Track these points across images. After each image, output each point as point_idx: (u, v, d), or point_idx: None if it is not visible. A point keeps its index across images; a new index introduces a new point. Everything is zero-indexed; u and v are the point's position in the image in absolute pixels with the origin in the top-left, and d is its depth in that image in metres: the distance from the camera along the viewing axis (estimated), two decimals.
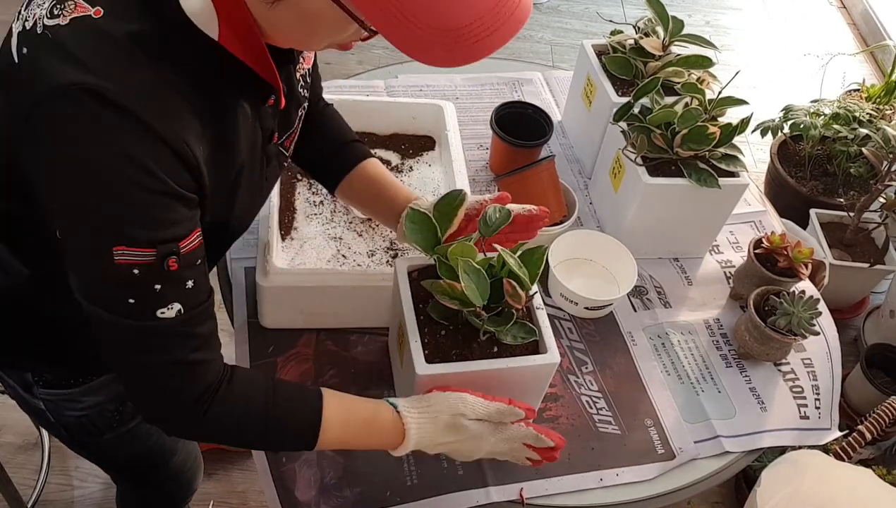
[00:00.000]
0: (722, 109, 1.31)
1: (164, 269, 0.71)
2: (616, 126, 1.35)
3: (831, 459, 1.31)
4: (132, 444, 1.16)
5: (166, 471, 1.29)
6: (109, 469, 1.30)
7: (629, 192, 1.31)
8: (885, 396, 1.79)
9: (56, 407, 1.03)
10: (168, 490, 1.37)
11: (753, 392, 1.24)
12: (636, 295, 1.35)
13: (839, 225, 2.31)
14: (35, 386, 1.00)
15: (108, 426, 1.09)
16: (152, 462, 1.24)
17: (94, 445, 1.13)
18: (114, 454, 1.18)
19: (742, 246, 1.46)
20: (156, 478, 1.31)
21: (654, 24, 1.43)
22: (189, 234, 0.73)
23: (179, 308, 0.73)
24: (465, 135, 1.57)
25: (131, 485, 1.36)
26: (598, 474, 1.10)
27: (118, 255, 0.68)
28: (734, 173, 1.29)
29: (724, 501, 1.98)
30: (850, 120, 2.31)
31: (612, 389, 1.21)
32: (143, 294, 0.71)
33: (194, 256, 0.74)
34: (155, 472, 1.28)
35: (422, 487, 1.05)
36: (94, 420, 1.06)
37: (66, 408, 1.03)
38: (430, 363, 0.95)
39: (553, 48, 3.36)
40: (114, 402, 1.06)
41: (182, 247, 0.72)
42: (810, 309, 1.20)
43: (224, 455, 1.87)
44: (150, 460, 1.24)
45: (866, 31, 3.69)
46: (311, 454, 1.07)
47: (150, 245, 0.69)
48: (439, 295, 0.96)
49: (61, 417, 1.05)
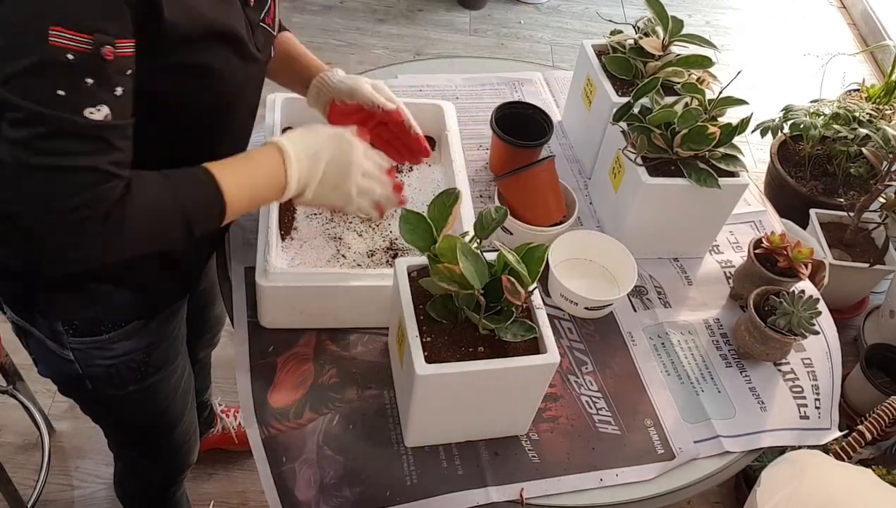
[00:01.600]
0: (722, 109, 1.31)
1: (99, 61, 0.71)
2: (616, 126, 1.35)
3: (831, 459, 1.31)
4: (151, 402, 1.18)
5: (170, 440, 1.32)
6: (120, 433, 1.31)
7: (629, 192, 1.31)
8: (885, 396, 1.79)
9: (86, 356, 1.05)
10: (167, 462, 1.39)
11: (753, 392, 1.24)
12: (636, 295, 1.35)
13: (839, 225, 2.32)
14: (65, 335, 1.02)
15: (134, 377, 1.11)
16: (163, 423, 1.27)
17: (116, 401, 1.15)
18: (131, 412, 1.20)
19: (742, 246, 1.46)
20: (160, 446, 1.33)
21: (653, 24, 1.43)
22: (126, 38, 0.73)
23: (108, 113, 0.73)
24: (465, 135, 1.57)
25: (136, 453, 1.38)
26: (598, 474, 1.10)
27: (53, 36, 0.68)
28: (734, 173, 1.29)
29: (724, 501, 1.98)
30: (850, 120, 2.31)
31: (611, 389, 1.21)
32: (75, 85, 0.71)
33: (127, 63, 0.74)
34: (161, 438, 1.30)
35: (422, 487, 1.05)
36: (121, 370, 1.09)
37: (97, 357, 1.05)
38: (429, 363, 0.95)
39: (553, 48, 3.37)
40: (141, 353, 1.09)
41: (117, 47, 0.72)
42: (810, 309, 1.20)
43: (224, 455, 1.87)
44: (161, 422, 1.26)
45: (866, 31, 3.69)
46: (311, 454, 1.07)
47: (88, 31, 0.69)
48: (439, 278, 0.95)
49: (90, 368, 1.06)
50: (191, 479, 1.83)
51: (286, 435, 1.09)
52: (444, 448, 1.10)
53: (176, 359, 1.22)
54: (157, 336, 1.13)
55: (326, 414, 1.11)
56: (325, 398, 1.13)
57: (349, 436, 1.09)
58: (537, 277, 0.98)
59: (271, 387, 1.13)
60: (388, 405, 1.13)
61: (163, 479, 1.46)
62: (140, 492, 1.50)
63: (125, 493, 1.52)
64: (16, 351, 1.78)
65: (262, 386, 1.13)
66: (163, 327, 1.14)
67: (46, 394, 1.94)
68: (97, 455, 1.87)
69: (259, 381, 1.14)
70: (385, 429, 1.11)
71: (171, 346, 1.19)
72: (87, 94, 0.72)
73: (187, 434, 1.36)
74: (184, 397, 1.29)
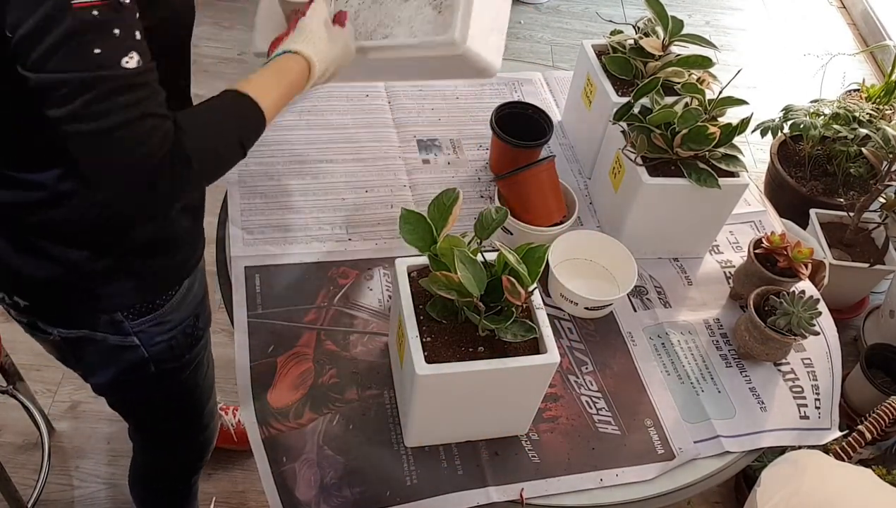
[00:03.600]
0: (722, 109, 1.31)
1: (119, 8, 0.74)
2: (616, 126, 1.35)
3: (831, 459, 1.31)
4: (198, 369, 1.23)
5: (201, 417, 1.34)
6: (160, 414, 1.32)
7: (629, 192, 1.31)
8: (885, 396, 1.79)
9: (148, 336, 1.08)
10: (193, 443, 1.41)
11: (753, 392, 1.24)
12: (636, 296, 1.35)
13: (839, 225, 2.31)
14: (126, 322, 1.04)
15: (189, 344, 1.15)
16: (200, 396, 1.30)
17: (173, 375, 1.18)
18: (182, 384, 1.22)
19: (742, 246, 1.46)
20: (192, 423, 1.35)
21: (653, 24, 1.43)
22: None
23: (138, 58, 0.76)
24: (465, 135, 1.57)
25: (165, 437, 1.39)
26: (598, 474, 1.10)
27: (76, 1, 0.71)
28: (734, 173, 1.29)
29: (724, 501, 1.98)
30: (850, 120, 2.31)
31: (611, 389, 1.21)
32: (107, 40, 0.74)
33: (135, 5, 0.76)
34: (193, 414, 1.33)
35: (422, 487, 1.05)
36: (179, 340, 1.12)
37: (157, 334, 1.08)
38: (430, 363, 0.95)
39: (553, 48, 3.36)
40: (192, 318, 1.13)
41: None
42: (810, 309, 1.20)
43: (224, 454, 1.87)
44: (199, 393, 1.29)
45: (866, 31, 3.69)
46: (311, 454, 1.07)
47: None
48: (437, 286, 0.95)
49: (153, 346, 1.09)
50: None
51: (286, 435, 1.09)
52: (444, 448, 1.10)
53: (211, 322, 1.25)
54: (199, 296, 1.16)
55: (326, 414, 1.11)
56: (325, 398, 1.13)
57: (349, 436, 1.09)
58: (537, 277, 0.98)
59: (271, 387, 1.13)
60: (388, 405, 1.13)
61: (185, 465, 1.47)
62: (163, 483, 1.50)
63: (146, 486, 1.52)
64: (16, 351, 1.79)
65: (262, 386, 1.13)
66: (200, 287, 1.17)
67: (46, 394, 1.94)
68: (97, 455, 1.87)
69: (259, 381, 1.14)
70: (385, 429, 1.11)
71: (209, 308, 1.23)
72: (119, 46, 0.75)
73: (213, 415, 1.39)
74: (212, 369, 1.32)
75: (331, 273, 1.29)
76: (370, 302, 1.26)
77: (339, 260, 1.31)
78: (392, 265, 1.09)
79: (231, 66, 2.93)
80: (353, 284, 1.28)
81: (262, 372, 1.15)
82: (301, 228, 1.35)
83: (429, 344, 0.98)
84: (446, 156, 1.53)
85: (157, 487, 1.52)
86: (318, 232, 1.35)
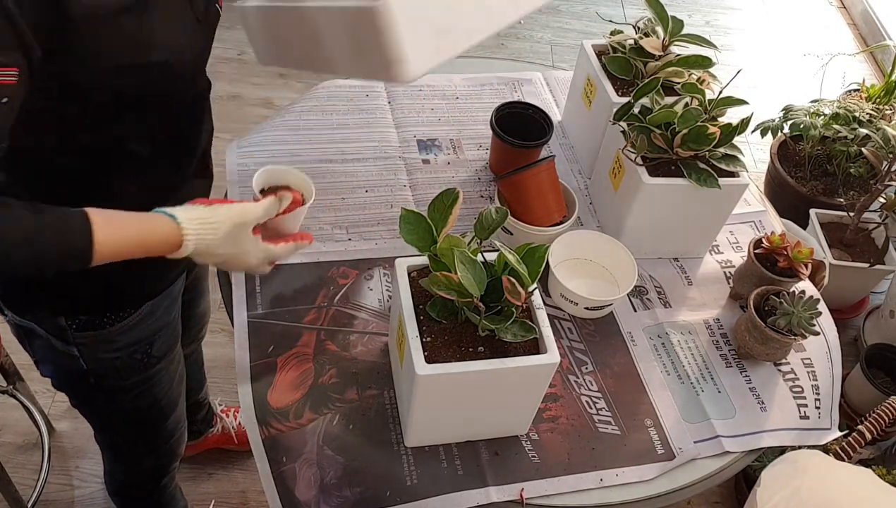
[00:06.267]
0: (722, 109, 1.31)
1: None
2: (616, 126, 1.35)
3: (831, 459, 1.31)
4: (150, 393, 1.19)
5: (164, 428, 1.32)
6: (113, 424, 1.31)
7: (629, 192, 1.31)
8: (885, 396, 1.79)
9: (91, 350, 1.06)
10: (159, 451, 1.39)
11: (753, 392, 1.24)
12: (636, 296, 1.35)
13: (839, 225, 2.31)
14: (69, 331, 1.03)
15: (137, 369, 1.12)
16: (159, 412, 1.27)
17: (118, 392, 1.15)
18: (129, 403, 1.20)
19: (742, 246, 1.46)
20: (153, 435, 1.33)
21: (653, 24, 1.43)
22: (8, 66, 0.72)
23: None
24: (465, 135, 1.57)
25: (127, 443, 1.37)
26: (598, 474, 1.10)
27: None
28: (734, 173, 1.29)
29: (724, 501, 1.98)
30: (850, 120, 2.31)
31: (611, 389, 1.21)
32: None
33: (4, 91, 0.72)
34: (155, 426, 1.30)
35: (422, 487, 1.05)
36: (126, 361, 1.10)
37: (102, 350, 1.06)
38: (430, 363, 0.95)
39: (553, 48, 3.36)
40: (144, 344, 1.10)
41: None
42: (810, 309, 1.20)
43: (224, 454, 1.87)
44: (157, 411, 1.26)
45: (866, 31, 3.69)
46: (311, 454, 1.07)
47: None
48: (437, 287, 0.96)
49: (94, 361, 1.07)
50: (190, 479, 1.84)
51: (286, 435, 1.09)
52: (444, 448, 1.10)
53: (175, 348, 1.23)
54: (159, 325, 1.14)
55: (326, 414, 1.11)
56: (325, 398, 1.13)
57: (349, 436, 1.09)
58: (537, 277, 0.98)
59: (271, 387, 1.13)
60: (388, 405, 1.13)
61: (154, 468, 1.45)
62: (132, 484, 1.49)
63: (116, 487, 1.51)
64: (16, 351, 1.78)
65: (262, 386, 1.13)
66: (164, 316, 1.14)
67: (46, 394, 1.94)
68: (97, 455, 1.86)
69: (259, 381, 1.14)
70: (385, 429, 1.11)
71: (172, 335, 1.20)
72: None
73: (179, 423, 1.37)
74: (179, 385, 1.30)
75: (331, 273, 1.29)
76: (370, 302, 1.26)
77: (339, 260, 1.31)
78: (392, 265, 1.09)
79: (231, 66, 2.93)
80: (353, 284, 1.28)
81: (262, 372, 1.15)
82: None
83: (429, 344, 0.98)
84: (446, 156, 1.53)
85: (125, 486, 1.50)
86: (318, 232, 1.35)
